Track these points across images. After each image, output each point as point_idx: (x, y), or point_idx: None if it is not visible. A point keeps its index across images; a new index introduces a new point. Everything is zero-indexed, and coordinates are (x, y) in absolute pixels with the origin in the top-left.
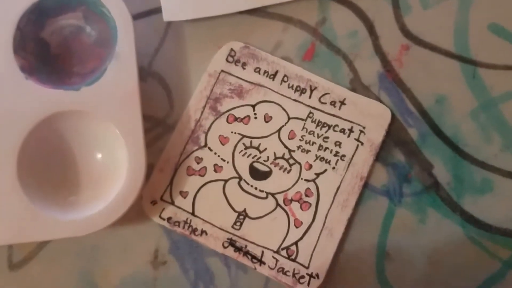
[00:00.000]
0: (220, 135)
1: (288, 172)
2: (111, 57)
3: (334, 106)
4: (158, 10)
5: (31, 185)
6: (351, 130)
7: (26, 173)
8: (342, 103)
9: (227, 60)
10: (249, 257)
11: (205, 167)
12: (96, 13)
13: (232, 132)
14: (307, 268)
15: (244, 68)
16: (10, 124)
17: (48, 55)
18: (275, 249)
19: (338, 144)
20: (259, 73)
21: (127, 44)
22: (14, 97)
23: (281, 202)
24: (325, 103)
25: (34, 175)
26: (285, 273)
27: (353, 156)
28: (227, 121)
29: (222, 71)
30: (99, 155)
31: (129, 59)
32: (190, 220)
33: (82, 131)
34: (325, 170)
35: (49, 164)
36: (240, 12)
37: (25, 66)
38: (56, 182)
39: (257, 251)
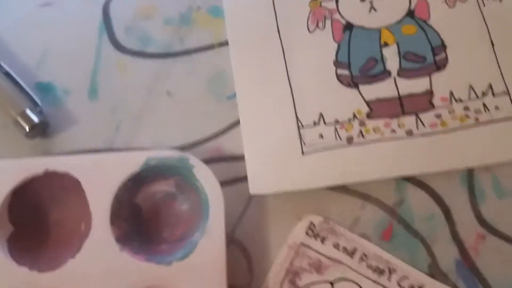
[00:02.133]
0: None
1: None
2: (200, 228)
3: None
4: (242, 179)
5: None
6: None
7: None
8: None
9: (306, 233)
10: None
11: None
12: (189, 185)
13: None
14: None
15: (323, 243)
16: None
17: (140, 220)
18: None
19: None
20: (338, 249)
21: (217, 219)
22: (109, 270)
23: None
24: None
25: None
26: None
27: None
28: None
29: (302, 244)
30: None
31: (219, 234)
32: None
33: None
34: None
35: None
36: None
37: (119, 235)
38: None
39: None
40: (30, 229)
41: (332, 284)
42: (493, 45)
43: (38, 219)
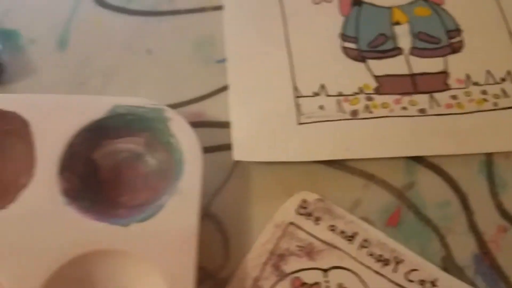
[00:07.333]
0: None
1: None
2: (169, 192)
3: (424, 287)
4: (225, 147)
5: None
6: None
7: None
8: (433, 284)
9: (298, 211)
10: None
11: None
12: (161, 142)
13: None
14: None
15: (317, 224)
16: (38, 256)
17: (95, 179)
18: None
19: None
20: (334, 232)
21: (192, 181)
22: (49, 225)
23: None
24: (413, 281)
25: None
26: None
27: None
28: (293, 285)
29: (291, 223)
30: None
31: (192, 198)
32: None
33: (120, 274)
34: None
35: None
36: (317, 161)
37: (67, 189)
38: None
39: None
40: None
41: (325, 272)
42: (511, 35)
43: None
